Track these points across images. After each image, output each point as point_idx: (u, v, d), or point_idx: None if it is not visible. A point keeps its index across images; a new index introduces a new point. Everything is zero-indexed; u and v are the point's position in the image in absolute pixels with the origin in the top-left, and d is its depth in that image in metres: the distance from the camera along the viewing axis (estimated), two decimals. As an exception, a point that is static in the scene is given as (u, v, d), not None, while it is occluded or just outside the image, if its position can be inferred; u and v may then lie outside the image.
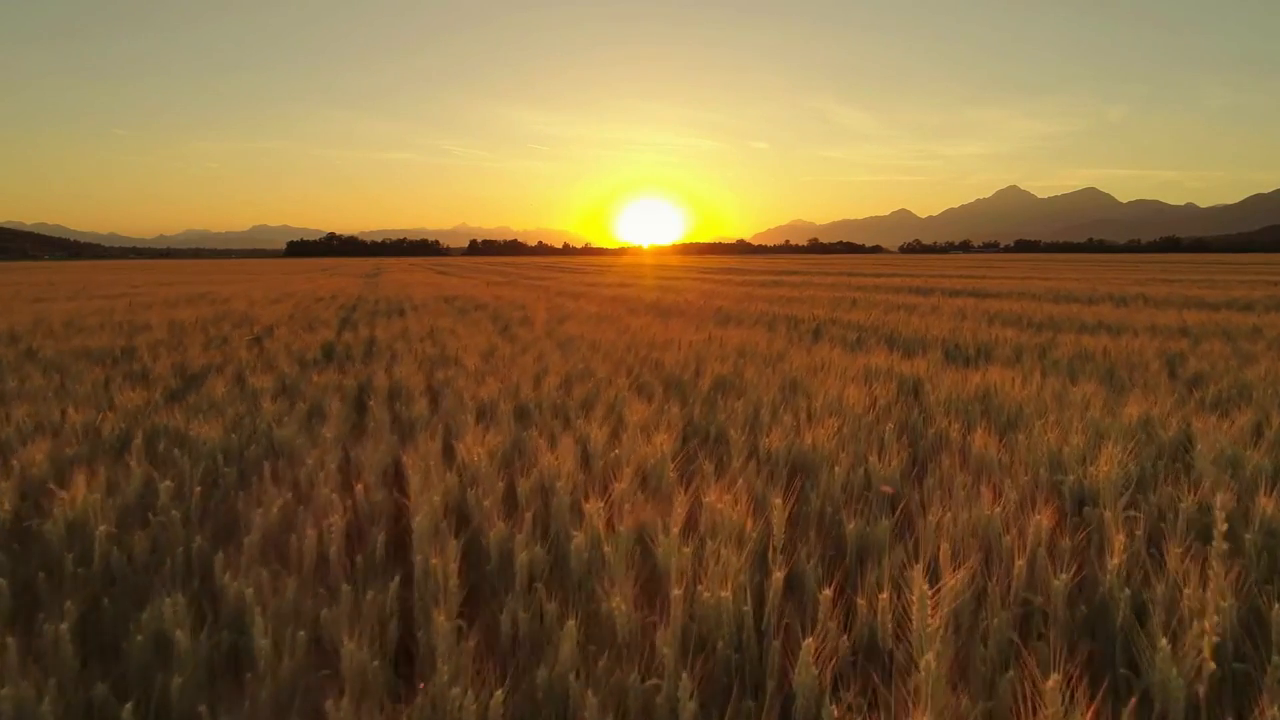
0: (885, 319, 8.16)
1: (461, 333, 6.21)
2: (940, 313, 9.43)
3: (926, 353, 5.56)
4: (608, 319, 8.72)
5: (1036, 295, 14.09)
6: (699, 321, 8.54)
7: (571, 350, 5.17)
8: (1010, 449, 2.59)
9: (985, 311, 9.68)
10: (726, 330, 7.07)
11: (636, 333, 6.72)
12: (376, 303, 12.21)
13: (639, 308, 10.90)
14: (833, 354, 4.97)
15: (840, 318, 8.42)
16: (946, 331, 6.38)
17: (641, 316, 9.13)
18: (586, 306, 10.71)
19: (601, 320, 8.51)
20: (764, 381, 3.83)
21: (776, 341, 6.14)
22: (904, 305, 10.92)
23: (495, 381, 3.92)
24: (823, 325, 7.67)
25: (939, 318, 8.51)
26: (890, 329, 7.14)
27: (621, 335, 6.53)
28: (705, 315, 9.37)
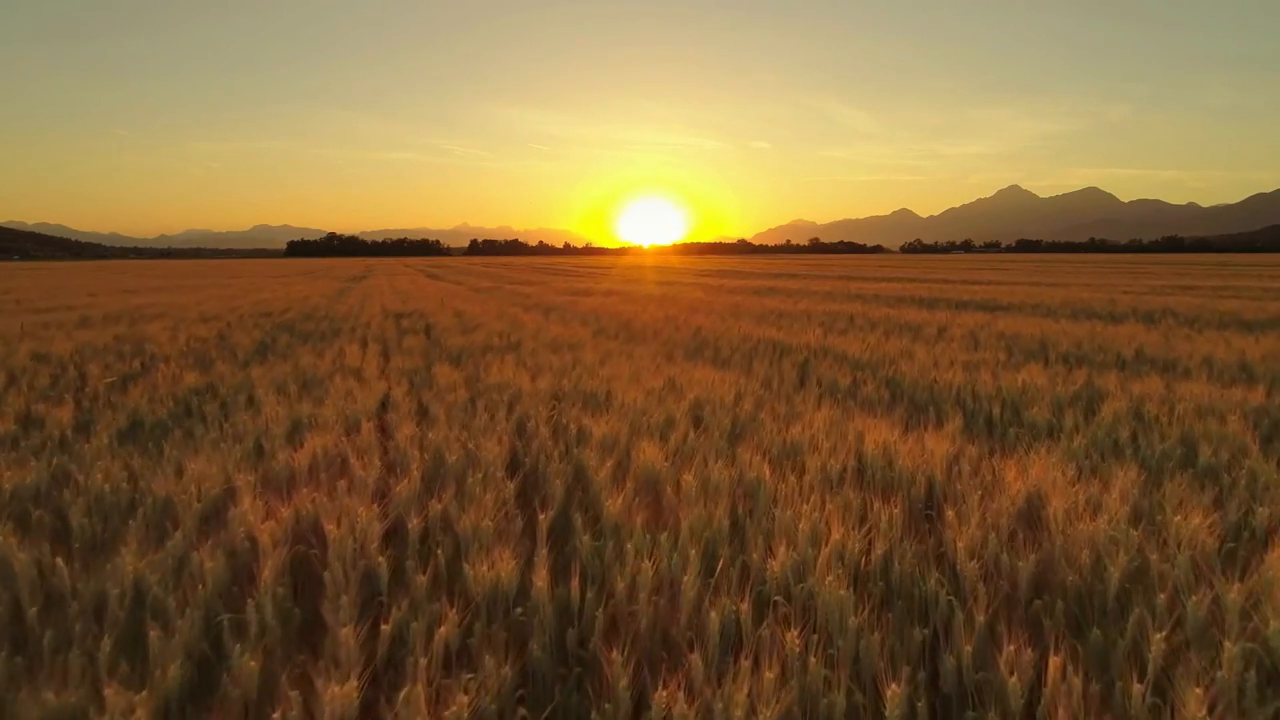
0: (886, 347, 6.96)
1: (357, 385, 5.01)
2: (949, 338, 8.23)
3: (939, 415, 4.36)
4: (565, 346, 7.53)
5: (1052, 310, 12.88)
6: (668, 350, 7.34)
7: (476, 415, 3.97)
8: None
9: (1000, 334, 8.48)
10: (695, 368, 5.87)
11: (585, 372, 5.53)
12: (320, 321, 11.02)
13: (610, 328, 9.72)
14: (817, 417, 3.77)
15: (833, 345, 7.22)
16: (961, 374, 5.17)
17: (608, 342, 7.95)
18: (552, 327, 9.53)
19: (557, 349, 7.32)
20: (712, 492, 2.63)
21: (751, 387, 4.94)
22: (907, 325, 9.71)
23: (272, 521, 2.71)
24: (812, 358, 6.47)
25: (949, 346, 7.31)
26: (892, 365, 5.94)
27: (564, 377, 5.34)
28: (679, 339, 8.17)
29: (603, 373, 5.46)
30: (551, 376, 5.30)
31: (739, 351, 7.10)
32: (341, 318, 11.50)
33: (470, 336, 8.15)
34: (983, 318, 10.72)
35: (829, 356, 6.48)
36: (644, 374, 5.42)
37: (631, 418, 3.86)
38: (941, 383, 5.04)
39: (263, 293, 19.95)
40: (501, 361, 6.15)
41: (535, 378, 5.37)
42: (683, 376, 5.29)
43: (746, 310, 12.78)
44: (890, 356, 6.54)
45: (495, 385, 4.87)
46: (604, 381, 5.13)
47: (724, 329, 9.14)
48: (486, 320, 10.49)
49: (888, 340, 7.84)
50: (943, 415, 4.35)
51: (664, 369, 5.77)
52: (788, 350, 7.20)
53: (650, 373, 5.46)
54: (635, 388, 4.85)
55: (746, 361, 6.48)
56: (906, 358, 6.49)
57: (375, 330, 9.32)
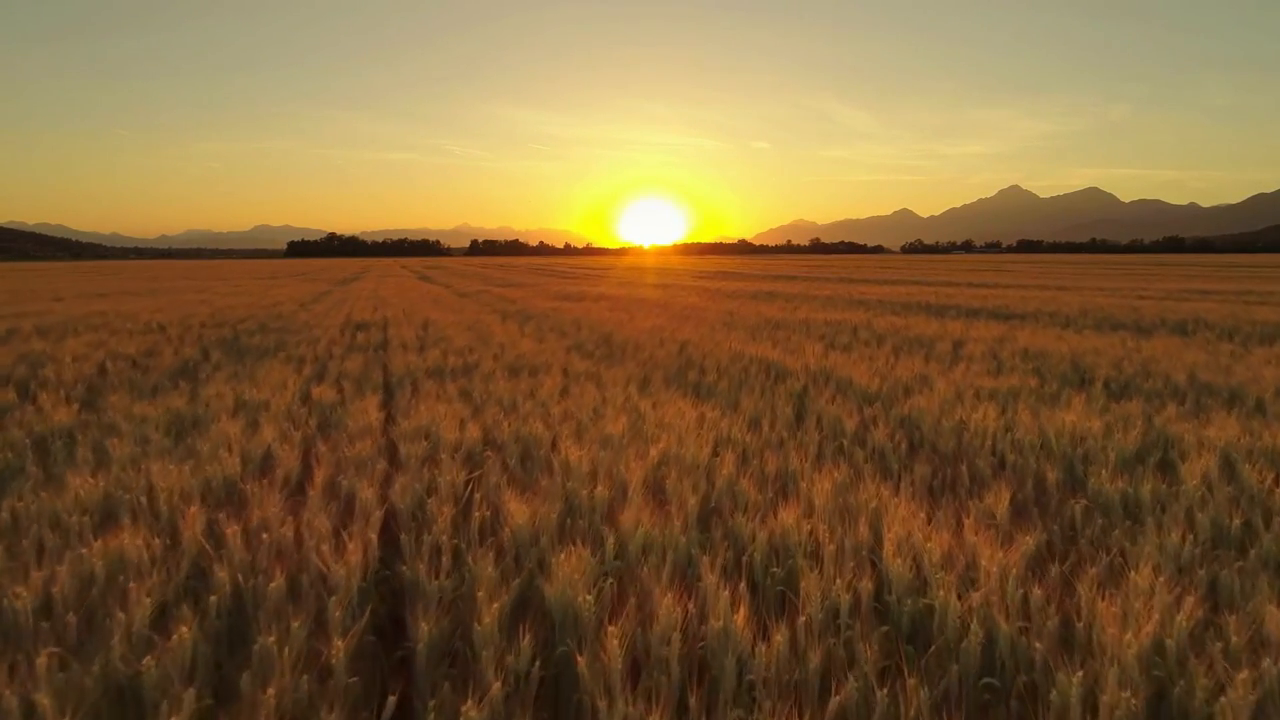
0: (897, 372, 6.00)
1: (245, 432, 4.06)
2: (968, 356, 7.26)
3: (976, 480, 3.40)
4: (528, 369, 6.58)
5: (1072, 319, 11.90)
6: (647, 372, 6.38)
7: (361, 484, 3.02)
8: None
9: (1024, 351, 7.51)
10: (672, 400, 4.91)
11: (536, 409, 4.58)
12: (272, 333, 10.07)
13: (589, 342, 8.77)
14: (815, 488, 2.82)
15: (836, 368, 6.26)
16: (993, 412, 4.21)
17: (581, 361, 7.00)
18: (523, 342, 8.58)
19: (517, 372, 6.37)
20: (653, 666, 1.68)
21: (736, 430, 3.98)
22: (918, 339, 8.75)
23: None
24: (811, 386, 5.50)
25: (969, 368, 6.35)
26: (907, 399, 4.99)
27: (509, 416, 4.38)
28: (662, 357, 7.22)
29: (558, 409, 4.50)
30: (494, 414, 4.34)
31: (727, 375, 6.13)
32: (299, 328, 10.55)
33: (425, 355, 7.19)
34: (999, 329, 9.77)
35: (831, 384, 5.51)
36: (608, 411, 4.47)
37: (569, 490, 2.90)
38: (971, 425, 4.07)
39: (235, 297, 19.00)
40: (443, 392, 5.20)
41: (474, 416, 4.41)
42: (654, 415, 4.33)
43: (741, 319, 11.84)
44: (903, 384, 5.58)
45: (415, 431, 3.91)
46: (556, 423, 4.17)
47: (713, 344, 8.18)
48: (453, 332, 9.54)
49: (898, 360, 6.88)
50: (980, 479, 3.39)
51: (635, 401, 4.81)
52: (783, 374, 6.23)
53: (616, 410, 4.50)
54: (591, 432, 3.89)
55: (734, 391, 5.52)
56: (922, 386, 5.52)
57: (325, 345, 8.36)
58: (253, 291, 22.86)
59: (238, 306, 15.28)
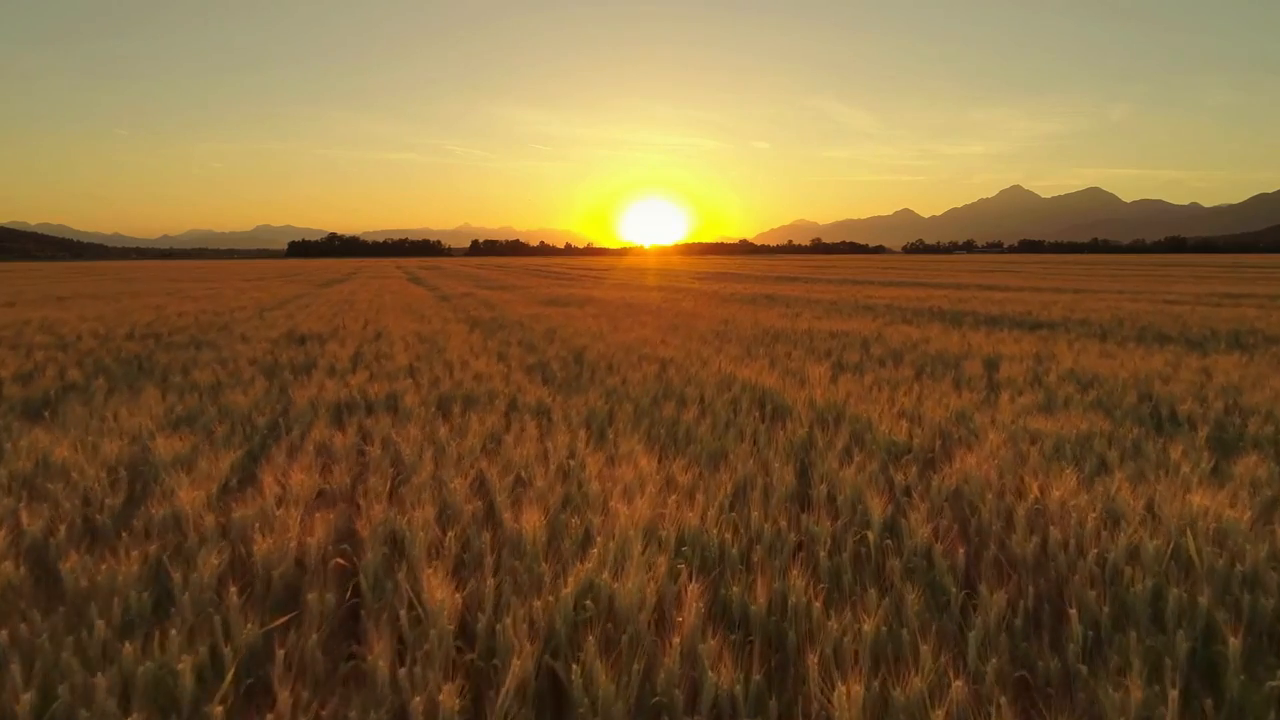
0: (925, 410, 4.73)
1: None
2: (1010, 382, 6.00)
3: (1090, 659, 2.13)
4: (465, 400, 5.34)
5: (1107, 328, 10.62)
6: (610, 406, 5.12)
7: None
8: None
9: (1071, 375, 6.25)
10: (629, 458, 3.65)
11: (427, 484, 3.34)
12: (186, 349, 8.83)
13: (555, 360, 7.52)
14: (839, 661, 1.58)
15: (848, 405, 4.99)
16: (1079, 487, 2.96)
17: (535, 389, 5.75)
18: (476, 362, 7.33)
19: (445, 408, 5.12)
20: None
21: (709, 525, 2.73)
22: (940, 357, 7.49)
23: None
24: (817, 434, 4.23)
25: (1015, 404, 5.07)
26: (948, 459, 3.73)
27: (374, 506, 3.14)
28: (634, 383, 5.96)
29: (470, 474, 3.24)
30: (377, 483, 3.09)
31: (711, 411, 4.87)
32: (234, 339, 9.30)
33: (348, 380, 5.94)
34: (1031, 342, 8.51)
35: (844, 429, 4.25)
36: (538, 478, 3.21)
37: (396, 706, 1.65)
38: (1051, 508, 2.81)
39: (197, 302, 17.75)
40: (330, 444, 3.94)
41: (354, 486, 3.15)
42: (599, 487, 3.07)
43: (737, 328, 10.58)
44: (938, 427, 4.32)
45: (243, 522, 2.65)
46: (456, 502, 2.91)
47: (701, 364, 6.93)
48: (402, 348, 8.29)
49: (922, 388, 5.61)
50: (1097, 632, 2.12)
51: (582, 456, 3.56)
52: (782, 411, 4.97)
53: (550, 476, 3.24)
54: (501, 526, 2.64)
55: (718, 435, 4.26)
56: (962, 430, 4.26)
57: (242, 364, 7.11)
58: (223, 295, 21.62)
59: (189, 313, 14.04)
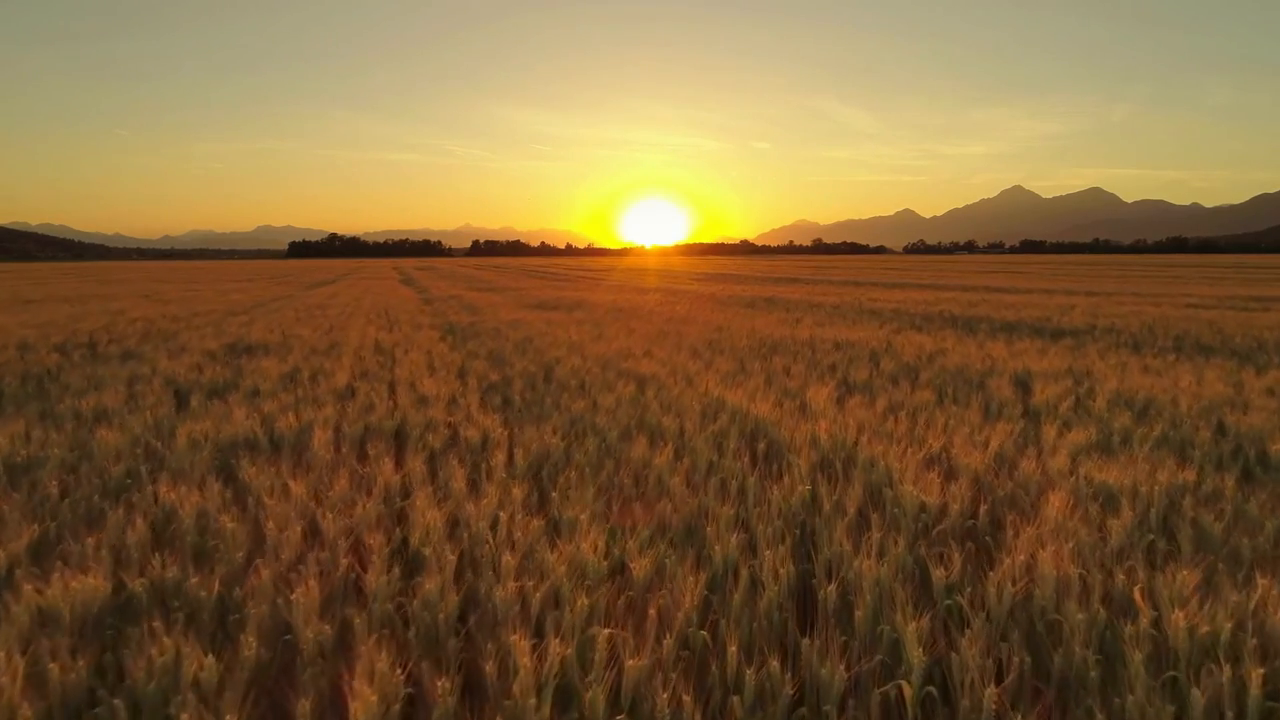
0: (956, 453, 3.78)
1: None
2: (1049, 411, 5.04)
3: None
4: (390, 436, 4.40)
5: (1139, 338, 9.65)
6: (568, 446, 4.18)
7: None
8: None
9: (1120, 398, 5.30)
10: (581, 526, 2.72)
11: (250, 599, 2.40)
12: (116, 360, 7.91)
13: (520, 376, 6.60)
14: None
15: (860, 445, 4.05)
16: (1198, 607, 2.03)
17: (484, 417, 4.82)
18: (428, 382, 6.41)
19: (361, 450, 4.18)
20: None
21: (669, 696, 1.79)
22: (961, 374, 6.54)
23: None
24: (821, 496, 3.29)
25: (1066, 442, 4.11)
26: (1000, 544, 2.79)
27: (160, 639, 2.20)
28: (604, 410, 5.02)
29: (308, 592, 2.31)
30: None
31: (690, 451, 3.93)
32: (166, 352, 8.36)
33: (255, 409, 5.01)
34: (1060, 355, 7.56)
35: (856, 482, 3.30)
36: (430, 574, 2.28)
37: None
38: (1178, 647, 1.86)
39: (165, 305, 16.83)
40: (118, 530, 3.00)
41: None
42: (505, 595, 2.14)
43: (731, 336, 9.64)
44: (976, 478, 3.37)
45: None
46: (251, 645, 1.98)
47: (685, 383, 5.99)
48: (347, 364, 7.36)
49: (947, 418, 4.66)
50: None
51: (506, 529, 2.63)
52: (778, 450, 4.02)
53: (431, 589, 2.30)
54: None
55: (693, 495, 3.31)
56: (1009, 484, 3.31)
57: (141, 389, 6.17)
58: (199, 298, 20.70)
59: (147, 318, 13.11)
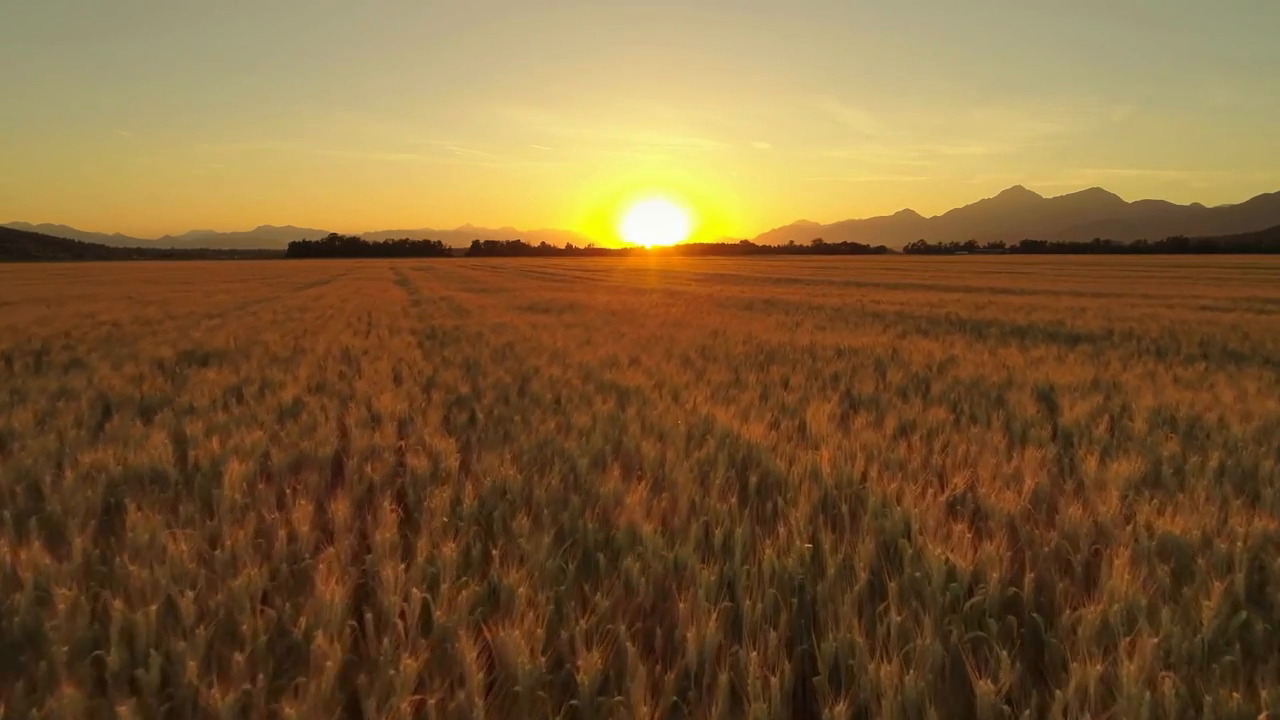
0: (984, 494, 3.18)
1: None
2: (1083, 434, 4.44)
3: None
4: (322, 465, 3.81)
5: (1164, 347, 9.03)
6: (528, 478, 3.59)
7: None
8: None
9: (1161, 417, 4.71)
10: (510, 612, 2.13)
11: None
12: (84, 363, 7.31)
13: (490, 392, 6.01)
14: None
15: (869, 479, 3.45)
16: None
17: (440, 440, 4.22)
18: (385, 398, 5.82)
19: (273, 486, 3.59)
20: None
21: None
22: (978, 388, 5.94)
23: None
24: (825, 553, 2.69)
25: (1114, 478, 3.51)
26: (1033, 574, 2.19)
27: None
28: (577, 433, 4.43)
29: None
30: None
31: (669, 486, 3.33)
32: (114, 361, 7.77)
33: (177, 432, 4.41)
34: (1079, 363, 6.97)
35: (867, 534, 2.71)
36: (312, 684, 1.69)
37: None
38: None
39: (137, 308, 16.24)
40: None
41: None
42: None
43: (726, 342, 9.04)
44: (1012, 526, 2.77)
45: None
46: None
47: (671, 397, 5.39)
48: (303, 376, 6.77)
49: (967, 443, 4.06)
50: None
51: (414, 606, 2.03)
52: (772, 485, 3.42)
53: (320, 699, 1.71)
54: None
55: (669, 548, 2.71)
56: (1052, 535, 2.71)
57: (65, 405, 5.58)
58: (183, 299, 20.11)
59: (115, 322, 12.52)
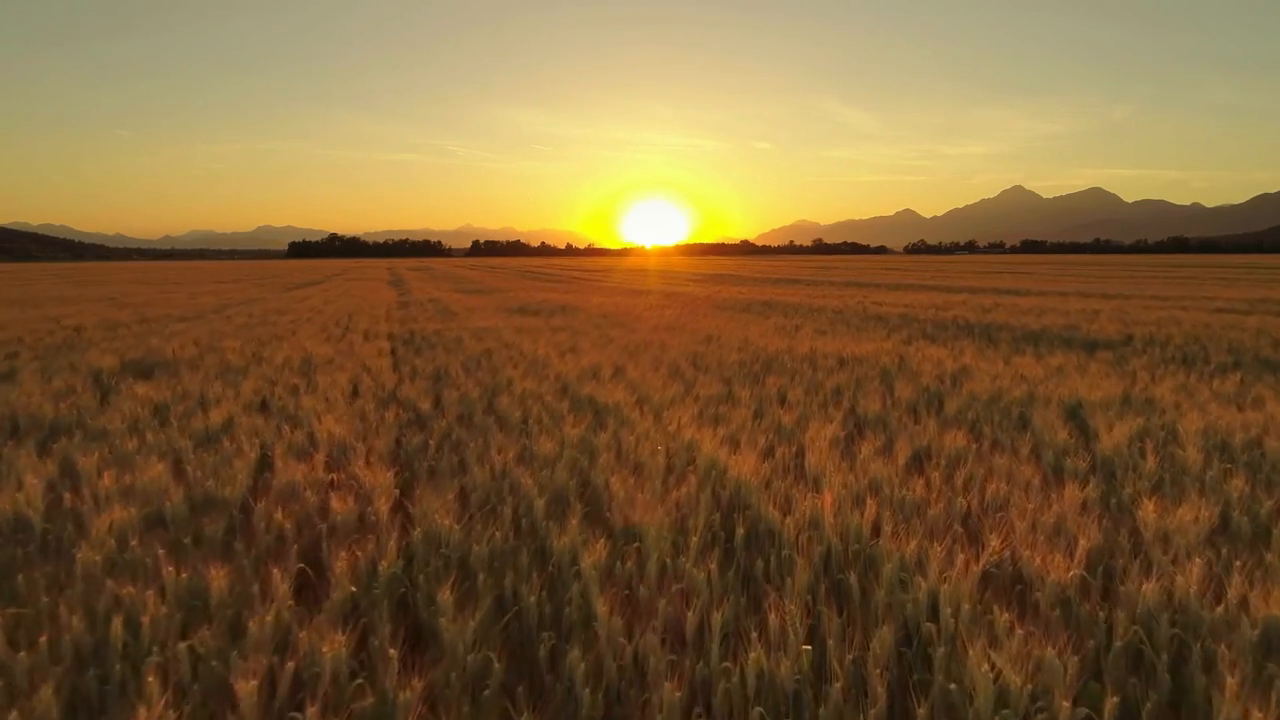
0: (1027, 551, 2.57)
1: None
2: (1122, 461, 3.82)
3: None
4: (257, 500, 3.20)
5: (1190, 353, 8.42)
6: (461, 528, 2.99)
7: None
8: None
9: (1212, 445, 4.09)
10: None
11: None
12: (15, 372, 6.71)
13: (455, 406, 5.39)
14: None
15: (878, 532, 2.85)
16: None
17: (378, 475, 3.62)
18: (328, 420, 5.21)
19: (147, 539, 2.98)
20: None
21: None
22: (997, 403, 5.31)
23: None
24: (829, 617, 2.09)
25: (1162, 517, 2.90)
26: (1116, 695, 1.58)
27: None
28: (538, 463, 3.82)
29: None
30: None
31: (640, 539, 2.72)
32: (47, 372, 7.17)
33: (67, 466, 3.81)
34: (1104, 376, 6.36)
35: (884, 611, 2.10)
36: None
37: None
38: None
39: (113, 310, 15.64)
40: None
41: None
42: None
43: (720, 349, 8.44)
44: (1064, 595, 2.16)
45: None
46: None
47: (653, 417, 4.79)
48: (246, 392, 6.17)
49: (994, 476, 3.45)
50: None
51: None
52: (763, 535, 2.81)
53: None
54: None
55: (626, 641, 2.10)
56: (1120, 613, 2.10)
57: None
58: (169, 301, 19.51)
59: (79, 326, 11.92)
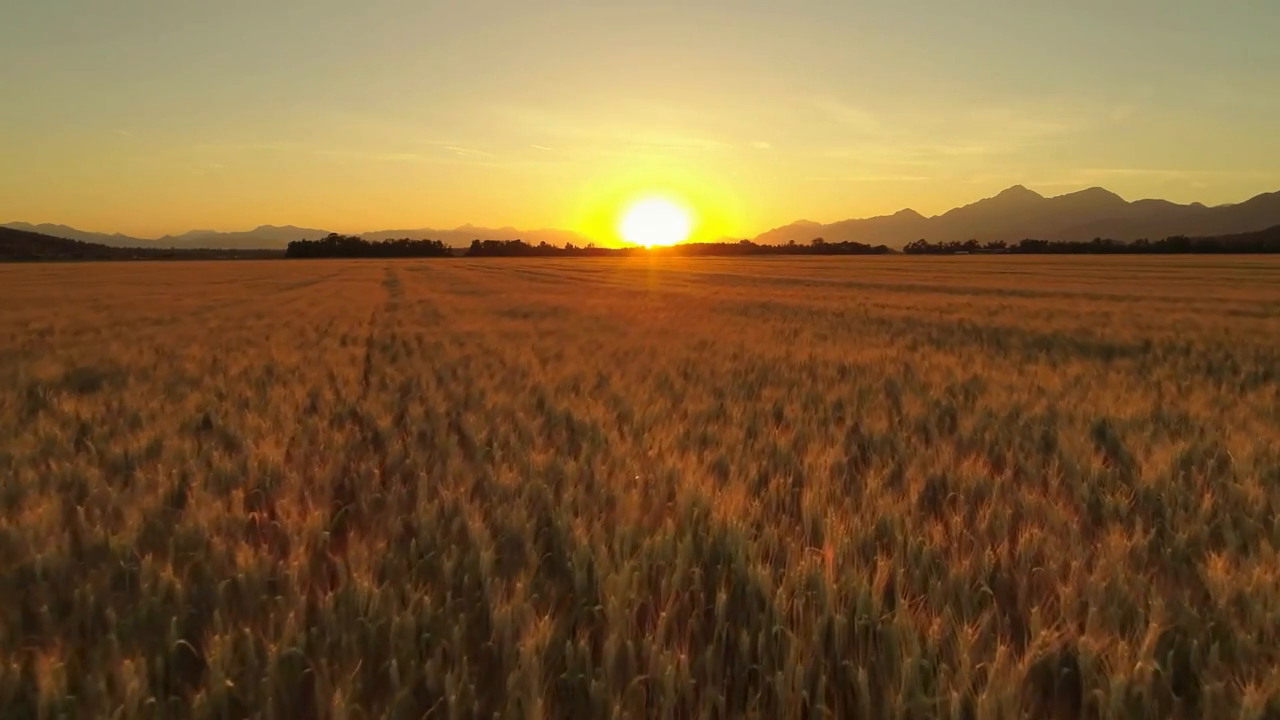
0: (1083, 636, 2.08)
1: None
2: (1170, 495, 3.32)
3: None
4: (145, 556, 2.71)
5: (1214, 362, 7.90)
6: (401, 583, 2.50)
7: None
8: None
9: (1271, 477, 3.60)
10: None
11: None
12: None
13: (419, 420, 4.89)
14: None
15: (891, 603, 2.36)
16: None
17: (309, 515, 3.11)
18: (267, 448, 4.70)
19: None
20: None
21: None
22: (1010, 422, 4.81)
23: None
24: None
25: (1240, 583, 2.40)
26: None
27: None
28: (498, 496, 3.32)
29: None
30: None
31: (600, 593, 2.23)
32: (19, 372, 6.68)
33: None
34: (1127, 388, 5.86)
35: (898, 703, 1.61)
36: None
37: None
38: None
39: (91, 313, 15.15)
40: None
41: None
42: None
43: (714, 357, 7.94)
44: (1134, 700, 1.67)
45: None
46: None
47: (633, 441, 4.29)
48: (189, 408, 5.68)
49: (1025, 518, 2.95)
50: None
51: None
52: (750, 600, 2.32)
53: None
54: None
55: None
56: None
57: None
58: (154, 303, 19.02)
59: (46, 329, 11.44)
